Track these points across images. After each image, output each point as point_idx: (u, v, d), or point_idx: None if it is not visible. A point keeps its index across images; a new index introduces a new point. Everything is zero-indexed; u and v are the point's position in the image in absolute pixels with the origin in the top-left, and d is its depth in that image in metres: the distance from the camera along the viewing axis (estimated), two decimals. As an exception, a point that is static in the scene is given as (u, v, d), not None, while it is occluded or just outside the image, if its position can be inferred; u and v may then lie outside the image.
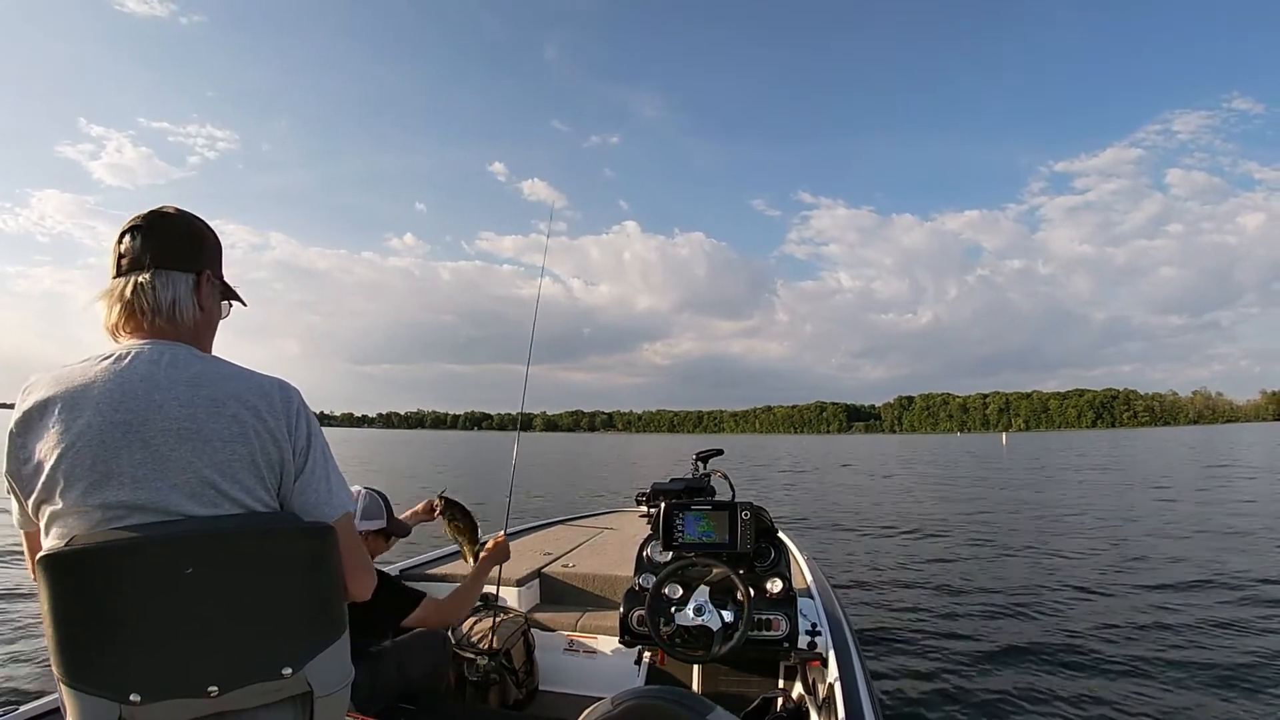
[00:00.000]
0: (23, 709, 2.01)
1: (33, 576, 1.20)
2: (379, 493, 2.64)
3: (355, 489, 2.56)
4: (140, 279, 1.27)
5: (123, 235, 1.30)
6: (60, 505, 1.16)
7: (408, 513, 2.85)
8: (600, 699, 1.43)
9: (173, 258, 1.30)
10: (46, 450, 1.16)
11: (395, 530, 2.66)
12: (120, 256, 1.30)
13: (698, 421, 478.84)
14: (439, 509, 2.80)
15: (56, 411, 1.17)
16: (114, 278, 1.29)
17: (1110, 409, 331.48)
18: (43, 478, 1.16)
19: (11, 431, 1.19)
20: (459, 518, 2.80)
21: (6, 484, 1.22)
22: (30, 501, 1.19)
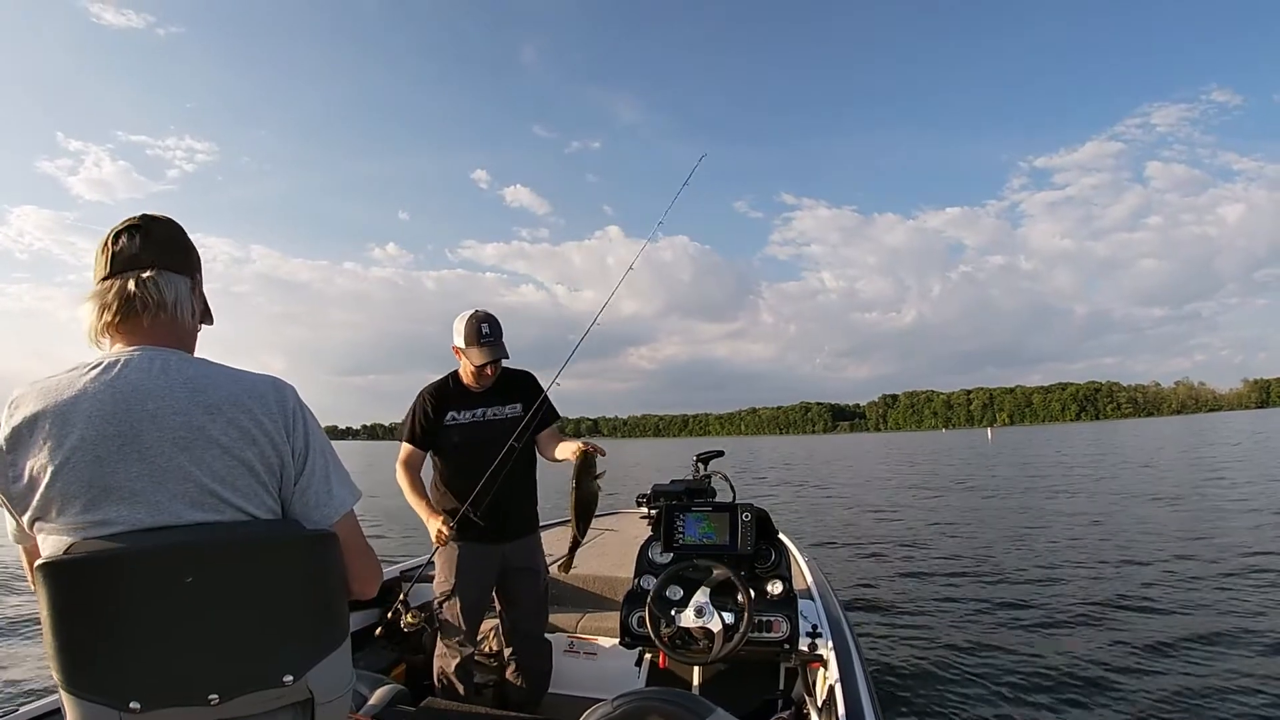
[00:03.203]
0: (24, 710, 1.99)
1: (32, 585, 1.18)
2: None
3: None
4: (144, 275, 1.24)
5: (117, 236, 1.27)
6: (57, 523, 1.12)
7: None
8: (601, 700, 1.44)
9: (171, 260, 1.29)
10: (39, 468, 1.12)
11: None
12: (114, 256, 1.25)
13: (683, 425, 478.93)
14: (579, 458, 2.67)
15: (46, 427, 1.13)
16: (104, 279, 1.25)
17: (1094, 401, 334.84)
18: (37, 497, 1.12)
19: (0, 449, 1.14)
20: (581, 485, 2.65)
21: None
22: (25, 519, 1.16)
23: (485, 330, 2.83)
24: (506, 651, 2.99)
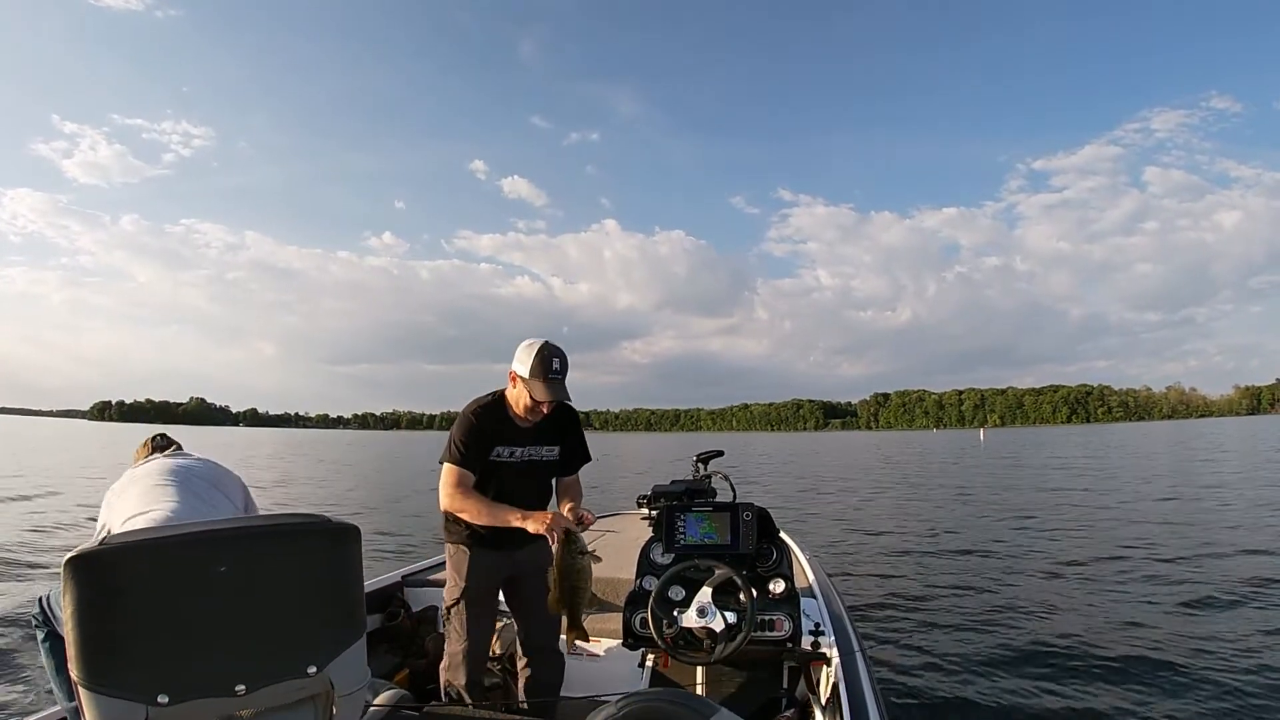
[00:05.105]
0: None
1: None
2: None
3: None
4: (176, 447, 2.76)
5: (153, 437, 2.74)
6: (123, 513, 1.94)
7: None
8: (604, 702, 1.44)
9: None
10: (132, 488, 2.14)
11: None
12: (154, 446, 2.70)
13: (675, 420, 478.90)
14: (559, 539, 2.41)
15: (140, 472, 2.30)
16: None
17: (1085, 405, 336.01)
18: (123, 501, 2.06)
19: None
20: (569, 568, 2.37)
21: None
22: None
23: (556, 366, 2.62)
24: (520, 662, 2.92)
